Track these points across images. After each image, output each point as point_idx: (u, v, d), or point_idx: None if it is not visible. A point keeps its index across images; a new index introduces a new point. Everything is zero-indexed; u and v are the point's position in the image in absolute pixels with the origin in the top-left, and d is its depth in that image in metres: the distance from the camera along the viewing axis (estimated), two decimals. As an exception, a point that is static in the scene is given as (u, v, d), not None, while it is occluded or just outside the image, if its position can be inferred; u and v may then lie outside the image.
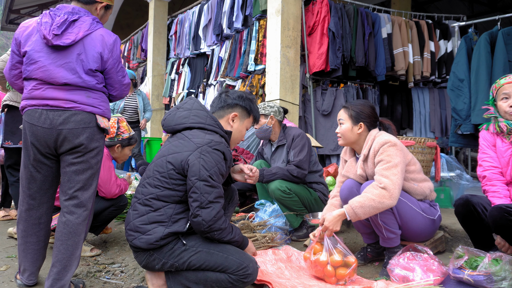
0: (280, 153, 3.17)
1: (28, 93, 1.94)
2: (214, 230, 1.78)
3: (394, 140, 2.18)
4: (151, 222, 1.81)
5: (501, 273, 1.82)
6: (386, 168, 2.11)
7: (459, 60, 3.77)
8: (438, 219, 2.34)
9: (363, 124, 2.30)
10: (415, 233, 2.26)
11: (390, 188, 2.05)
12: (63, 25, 1.87)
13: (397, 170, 2.10)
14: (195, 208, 1.75)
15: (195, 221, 1.76)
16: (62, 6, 1.95)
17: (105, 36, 1.98)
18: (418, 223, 2.23)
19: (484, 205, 2.15)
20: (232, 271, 1.77)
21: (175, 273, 1.86)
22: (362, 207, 2.05)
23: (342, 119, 2.35)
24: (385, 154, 2.15)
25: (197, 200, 1.75)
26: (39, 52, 1.90)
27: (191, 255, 1.80)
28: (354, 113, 2.31)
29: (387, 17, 5.17)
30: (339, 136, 2.38)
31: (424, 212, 2.24)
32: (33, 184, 1.99)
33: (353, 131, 2.31)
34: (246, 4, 5.23)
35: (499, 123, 2.26)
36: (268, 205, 3.22)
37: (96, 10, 2.06)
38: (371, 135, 2.30)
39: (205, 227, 1.75)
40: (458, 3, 9.63)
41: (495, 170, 2.27)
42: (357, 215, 2.07)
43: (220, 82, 5.72)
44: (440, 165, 3.66)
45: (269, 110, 3.17)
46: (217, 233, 1.79)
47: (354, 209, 2.07)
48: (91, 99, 1.96)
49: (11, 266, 2.42)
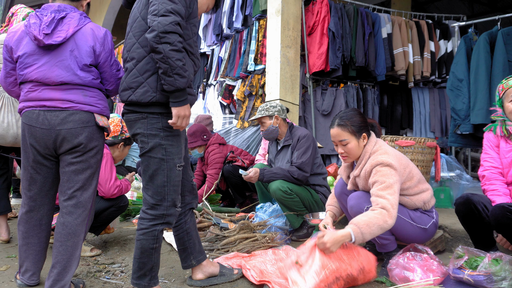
0: (284, 153, 3.15)
1: (24, 95, 1.93)
2: (168, 42, 1.68)
3: (387, 161, 2.10)
4: (142, 72, 1.81)
5: (501, 273, 1.82)
6: (382, 188, 2.06)
7: (459, 60, 3.78)
8: (431, 227, 2.26)
9: (365, 134, 2.24)
10: (407, 240, 2.24)
11: (389, 207, 1.99)
12: (52, 24, 1.86)
13: (393, 190, 2.04)
14: (152, 17, 1.71)
15: (151, 27, 1.70)
16: (47, 6, 1.94)
17: (95, 30, 1.98)
18: (408, 232, 2.20)
19: (485, 203, 2.15)
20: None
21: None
22: (368, 226, 1.95)
23: (345, 139, 2.21)
24: (379, 175, 2.09)
25: (155, 10, 1.72)
26: (32, 54, 1.89)
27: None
28: (354, 127, 2.21)
29: (387, 17, 5.17)
30: (345, 156, 2.27)
31: (413, 221, 2.19)
32: (34, 185, 1.98)
33: (360, 145, 2.23)
34: (246, 4, 5.23)
35: (507, 126, 2.24)
36: (268, 205, 3.22)
37: (82, 7, 2.07)
38: (366, 151, 2.22)
39: (160, 30, 1.67)
40: (458, 3, 9.63)
41: (495, 170, 2.28)
42: (364, 236, 1.94)
43: (220, 82, 5.71)
44: (440, 165, 3.66)
45: (272, 110, 3.16)
46: (169, 46, 1.68)
47: (360, 229, 1.94)
48: (88, 98, 1.95)
49: (11, 266, 2.42)
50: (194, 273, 2.17)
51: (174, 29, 1.71)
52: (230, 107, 5.51)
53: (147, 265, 1.89)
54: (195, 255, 2.14)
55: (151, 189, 1.89)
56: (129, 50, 1.88)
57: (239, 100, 5.12)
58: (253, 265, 2.28)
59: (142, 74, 1.82)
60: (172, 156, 1.89)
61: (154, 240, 1.88)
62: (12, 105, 2.67)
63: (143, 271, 1.89)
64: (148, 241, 1.87)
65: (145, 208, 1.91)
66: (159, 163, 1.87)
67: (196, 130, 3.97)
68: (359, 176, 2.24)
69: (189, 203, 2.14)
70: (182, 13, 1.77)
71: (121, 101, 1.91)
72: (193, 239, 2.14)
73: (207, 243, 2.75)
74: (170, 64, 1.71)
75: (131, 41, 1.88)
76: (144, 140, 1.86)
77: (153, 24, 1.70)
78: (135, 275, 1.90)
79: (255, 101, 4.84)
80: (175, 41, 1.71)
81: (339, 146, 2.26)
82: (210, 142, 4.00)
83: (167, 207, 1.90)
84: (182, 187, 2.09)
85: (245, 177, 2.98)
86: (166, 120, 1.85)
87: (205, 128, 4.07)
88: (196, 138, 3.93)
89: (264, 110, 3.19)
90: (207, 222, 3.14)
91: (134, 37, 1.87)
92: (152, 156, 1.87)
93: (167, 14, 1.71)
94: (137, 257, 1.89)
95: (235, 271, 2.24)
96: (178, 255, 2.22)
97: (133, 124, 1.90)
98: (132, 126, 1.90)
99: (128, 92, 1.85)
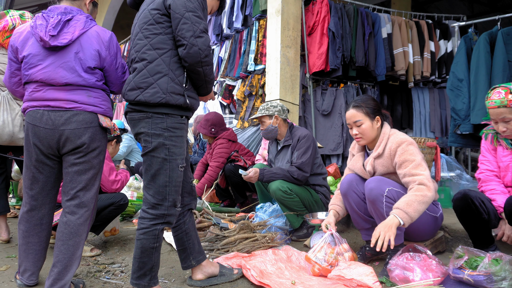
0: (284, 153, 3.15)
1: (29, 95, 1.94)
2: (208, 64, 1.86)
3: (410, 139, 2.23)
4: (153, 74, 1.84)
5: (501, 273, 1.83)
6: (414, 166, 2.15)
7: (459, 60, 3.77)
8: (440, 217, 2.36)
9: (379, 117, 2.34)
10: (419, 230, 2.26)
11: (426, 182, 2.09)
12: (58, 26, 1.87)
13: (424, 166, 2.15)
14: (190, 38, 1.79)
15: (192, 52, 1.80)
16: (53, 8, 1.95)
17: (100, 33, 1.98)
18: (422, 220, 2.22)
19: (482, 199, 2.16)
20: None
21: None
22: (408, 204, 2.02)
23: (359, 120, 2.32)
24: (408, 154, 2.18)
25: (190, 30, 1.79)
26: (37, 55, 1.90)
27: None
28: (369, 109, 2.32)
29: (387, 17, 5.17)
30: (359, 137, 2.34)
31: (427, 209, 2.23)
32: (36, 185, 1.99)
33: (374, 127, 2.33)
34: (246, 4, 5.23)
35: (499, 138, 2.30)
36: (268, 205, 3.22)
37: (86, 6, 2.06)
38: (385, 133, 2.33)
39: (202, 56, 1.81)
40: (458, 3, 9.62)
41: (490, 173, 2.32)
42: (409, 215, 2.00)
43: (220, 82, 5.71)
44: (440, 165, 3.66)
45: (272, 110, 3.17)
46: (208, 68, 1.88)
47: (403, 210, 2.00)
48: (92, 99, 1.96)
49: (11, 266, 2.43)
50: (194, 273, 2.17)
51: (209, 50, 1.84)
52: (230, 107, 5.51)
53: (147, 264, 1.89)
54: (194, 256, 2.14)
55: (152, 188, 1.90)
56: (138, 50, 1.90)
57: (239, 100, 5.12)
58: (253, 265, 2.29)
59: (152, 75, 1.84)
60: (175, 156, 1.89)
61: (154, 240, 1.89)
62: (8, 103, 2.68)
63: (143, 270, 1.89)
64: (149, 241, 1.88)
65: (145, 207, 1.91)
66: (161, 163, 1.87)
67: (209, 119, 4.00)
68: (382, 156, 2.28)
69: (188, 204, 2.14)
70: (208, 28, 1.87)
71: (126, 100, 1.92)
72: (192, 240, 2.14)
73: (207, 243, 2.75)
74: (206, 81, 1.94)
75: (142, 42, 1.89)
76: (147, 139, 1.87)
77: (193, 50, 1.80)
78: (135, 275, 1.90)
79: (255, 101, 4.85)
80: (211, 60, 1.87)
81: (353, 127, 2.35)
82: (221, 135, 4.01)
83: (168, 207, 1.90)
84: (181, 188, 2.10)
85: (245, 177, 2.99)
86: (170, 121, 1.86)
87: (220, 121, 4.07)
88: (205, 127, 3.98)
89: (264, 109, 3.20)
90: (207, 222, 3.14)
91: (145, 39, 1.88)
92: (155, 156, 1.87)
93: (202, 36, 1.81)
94: (137, 257, 1.89)
95: (235, 271, 2.24)
96: (178, 255, 2.22)
97: (137, 123, 1.91)
98: (136, 125, 1.91)
99: (137, 92, 1.86)
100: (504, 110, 2.12)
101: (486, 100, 2.21)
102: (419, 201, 2.04)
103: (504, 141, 2.26)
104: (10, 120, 2.67)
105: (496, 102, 2.14)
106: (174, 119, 1.88)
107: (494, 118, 2.19)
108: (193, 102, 1.95)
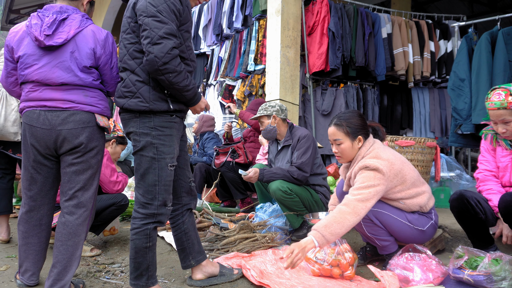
0: (284, 153, 3.15)
1: (25, 95, 1.93)
2: (169, 72, 1.74)
3: (374, 164, 2.07)
4: (134, 83, 1.84)
5: (501, 273, 1.82)
6: (356, 188, 2.05)
7: (460, 60, 3.77)
8: (429, 228, 2.24)
9: (361, 137, 2.21)
10: (406, 241, 2.24)
11: (350, 203, 1.97)
12: (53, 25, 1.86)
13: (368, 190, 2.01)
14: (147, 45, 1.74)
15: (148, 60, 1.74)
16: (49, 7, 1.94)
17: (96, 32, 1.97)
18: (406, 233, 2.20)
19: (478, 199, 2.17)
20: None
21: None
22: (326, 227, 1.92)
23: (339, 139, 2.21)
24: (361, 177, 2.08)
25: (148, 36, 1.73)
26: (32, 55, 1.89)
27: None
28: (350, 129, 2.19)
29: (387, 17, 5.17)
30: (338, 156, 2.26)
31: (411, 223, 2.19)
32: (34, 185, 1.98)
33: (354, 147, 2.21)
34: (246, 4, 5.23)
35: (498, 139, 2.29)
36: (268, 205, 3.22)
37: (83, 6, 2.06)
38: (360, 154, 2.21)
39: (158, 64, 1.72)
40: (458, 3, 9.62)
41: (488, 173, 2.32)
42: (325, 237, 1.90)
43: (220, 82, 5.72)
44: (440, 165, 3.66)
45: (271, 110, 3.17)
46: (172, 75, 1.76)
47: (320, 232, 1.91)
48: (89, 98, 1.95)
49: (11, 266, 2.42)
50: (194, 273, 2.17)
51: (171, 57, 1.74)
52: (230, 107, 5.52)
53: (143, 264, 1.89)
54: (194, 255, 2.14)
55: (142, 187, 1.91)
56: (121, 60, 1.92)
57: (239, 100, 5.12)
58: (253, 265, 2.29)
59: (134, 85, 1.86)
60: (164, 155, 1.89)
61: (147, 239, 1.89)
62: (6, 98, 2.70)
63: (139, 271, 1.89)
64: (141, 240, 1.88)
65: (136, 207, 1.92)
66: (150, 161, 1.88)
67: (260, 103, 3.91)
68: (351, 178, 2.23)
69: (187, 204, 2.14)
70: (174, 31, 1.78)
71: (117, 106, 1.94)
72: (191, 240, 2.14)
73: (207, 243, 2.75)
74: (176, 89, 1.83)
75: (122, 52, 1.91)
76: (136, 138, 1.89)
77: (149, 57, 1.73)
78: (132, 275, 1.91)
79: (255, 101, 4.85)
80: (175, 67, 1.77)
81: (334, 145, 2.27)
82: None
83: (157, 206, 1.90)
84: (179, 188, 2.11)
85: (245, 177, 2.99)
86: (158, 120, 1.87)
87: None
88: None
89: (263, 109, 3.20)
90: (207, 222, 3.14)
91: (124, 48, 1.90)
92: (143, 155, 1.88)
93: (160, 42, 1.72)
94: (132, 257, 1.90)
95: (235, 271, 2.24)
96: (177, 255, 2.22)
97: (127, 123, 1.93)
98: (127, 124, 1.94)
99: (123, 100, 1.89)
100: (503, 112, 2.11)
101: (486, 101, 2.20)
102: (338, 223, 1.92)
103: (503, 141, 2.26)
104: (3, 114, 2.68)
105: (496, 104, 2.13)
106: (163, 118, 1.88)
107: (494, 119, 2.18)
108: (179, 105, 1.93)
